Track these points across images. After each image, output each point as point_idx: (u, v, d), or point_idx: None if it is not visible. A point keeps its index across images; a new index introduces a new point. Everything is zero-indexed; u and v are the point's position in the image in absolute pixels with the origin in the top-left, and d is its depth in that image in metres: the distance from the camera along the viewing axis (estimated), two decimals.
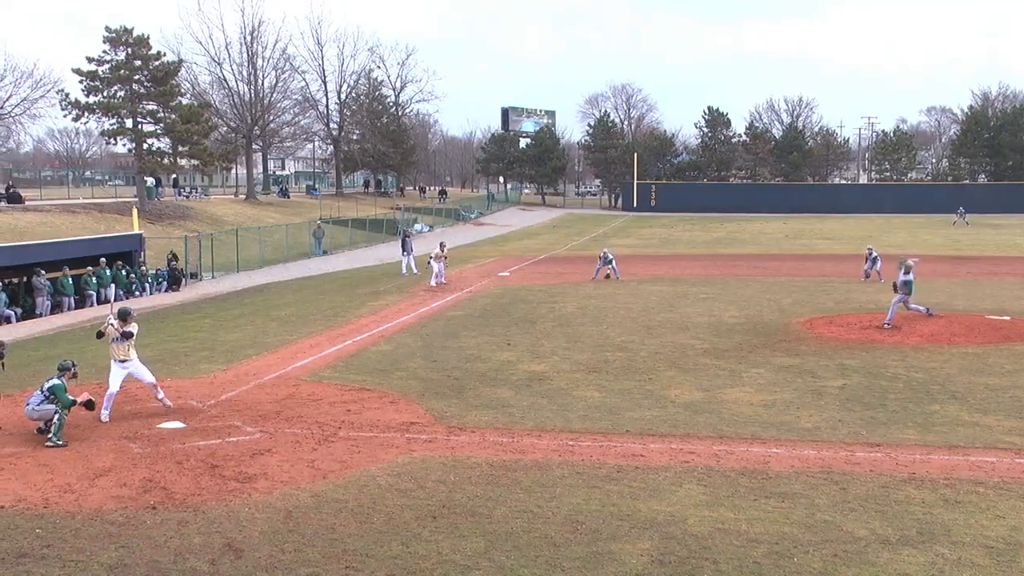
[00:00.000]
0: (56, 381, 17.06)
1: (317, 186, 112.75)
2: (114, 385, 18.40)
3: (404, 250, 47.72)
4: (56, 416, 16.84)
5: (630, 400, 19.47)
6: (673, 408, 18.81)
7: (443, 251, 42.79)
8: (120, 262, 40.71)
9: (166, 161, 67.91)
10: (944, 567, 11.03)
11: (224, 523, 12.66)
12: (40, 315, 35.17)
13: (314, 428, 17.45)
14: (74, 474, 14.83)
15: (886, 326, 27.58)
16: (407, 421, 17.97)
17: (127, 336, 18.45)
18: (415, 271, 46.51)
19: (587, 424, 17.60)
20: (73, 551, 11.73)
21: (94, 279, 38.36)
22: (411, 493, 13.81)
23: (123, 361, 18.45)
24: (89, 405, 17.50)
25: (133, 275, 41.43)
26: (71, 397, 17.05)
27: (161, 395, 18.74)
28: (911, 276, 28.39)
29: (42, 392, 17.05)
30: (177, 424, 17.80)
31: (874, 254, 42.00)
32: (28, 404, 17.14)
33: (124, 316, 18.67)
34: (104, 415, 18.02)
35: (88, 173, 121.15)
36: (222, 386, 21.25)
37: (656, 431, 17.13)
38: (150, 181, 71.62)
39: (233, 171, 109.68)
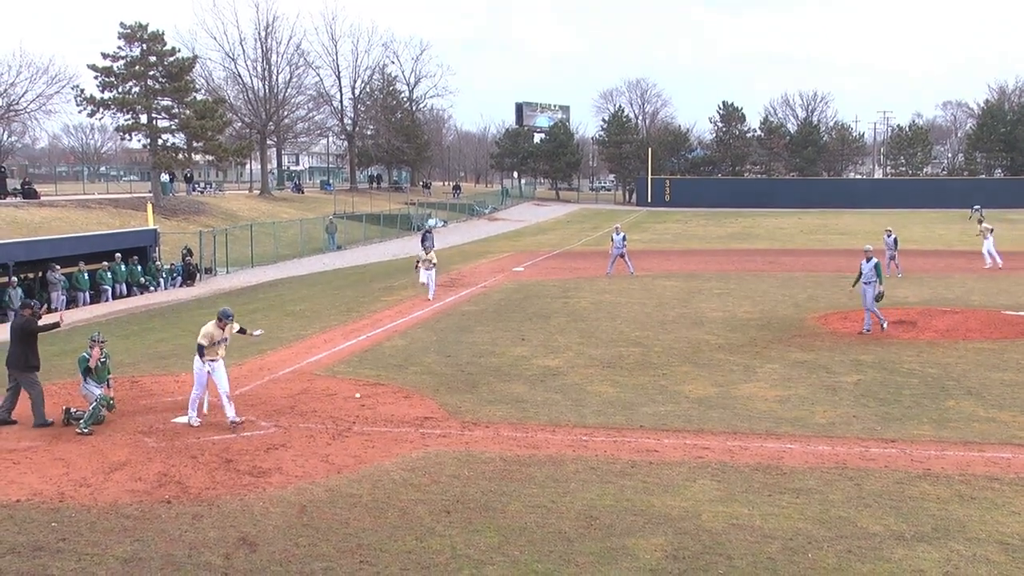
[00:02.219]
0: (82, 354, 17.89)
1: (331, 181, 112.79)
2: (199, 387, 17.69)
3: (424, 246, 47.67)
4: (92, 404, 17.14)
5: (644, 395, 19.46)
6: (687, 403, 18.80)
7: (429, 252, 36.84)
8: (135, 256, 40.80)
9: (181, 157, 68.02)
10: (959, 563, 10.99)
11: (239, 517, 12.70)
12: (55, 310, 35.24)
13: (328, 423, 17.49)
14: (89, 468, 14.90)
15: (882, 327, 26.78)
16: (421, 416, 17.99)
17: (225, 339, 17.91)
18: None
19: (601, 419, 17.60)
20: (88, 544, 11.79)
21: (109, 274, 38.46)
22: (425, 488, 13.84)
23: (212, 361, 17.57)
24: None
25: (143, 270, 41.43)
26: (84, 367, 17.84)
27: (231, 412, 17.41)
28: (875, 261, 27.04)
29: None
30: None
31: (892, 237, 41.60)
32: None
33: (228, 317, 17.86)
34: (192, 417, 17.55)
35: (103, 169, 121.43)
36: (236, 381, 21.23)
37: (670, 426, 17.12)
38: (165, 177, 71.78)
39: (247, 166, 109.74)
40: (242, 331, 18.82)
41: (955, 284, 37.72)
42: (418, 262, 35.79)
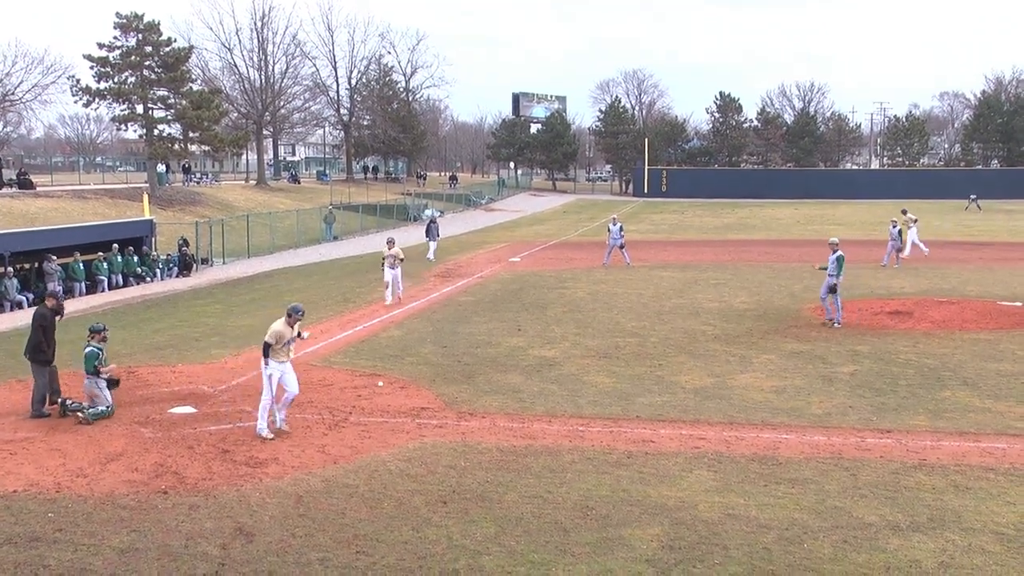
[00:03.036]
0: (91, 348, 17.63)
1: (327, 172, 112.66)
2: (269, 393, 16.35)
3: (429, 236, 47.69)
4: (103, 408, 17.18)
5: (640, 386, 19.47)
6: (683, 394, 18.82)
7: (393, 247, 32.27)
8: (131, 247, 40.74)
9: (177, 147, 67.87)
10: (954, 553, 11.02)
11: (235, 508, 12.71)
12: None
13: (324, 413, 17.50)
14: (86, 459, 14.90)
15: (836, 322, 26.35)
16: (417, 406, 18.00)
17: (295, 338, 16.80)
18: (431, 259, 46.44)
19: (597, 410, 17.61)
20: (85, 535, 11.79)
21: (105, 265, 38.42)
22: (421, 478, 13.85)
23: (282, 363, 16.40)
24: (112, 383, 17.78)
25: (140, 261, 41.36)
26: (98, 369, 17.54)
27: (283, 415, 16.61)
28: (839, 254, 26.69)
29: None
30: (188, 409, 17.85)
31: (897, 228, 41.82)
32: (87, 379, 17.59)
33: (298, 313, 16.66)
34: (263, 428, 16.16)
35: (99, 159, 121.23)
36: (233, 371, 21.31)
37: (666, 417, 17.14)
38: (161, 167, 71.66)
39: (244, 157, 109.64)
40: (300, 335, 17.32)
41: (951, 275, 37.76)
42: (383, 259, 32.15)
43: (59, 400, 17.70)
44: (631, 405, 17.97)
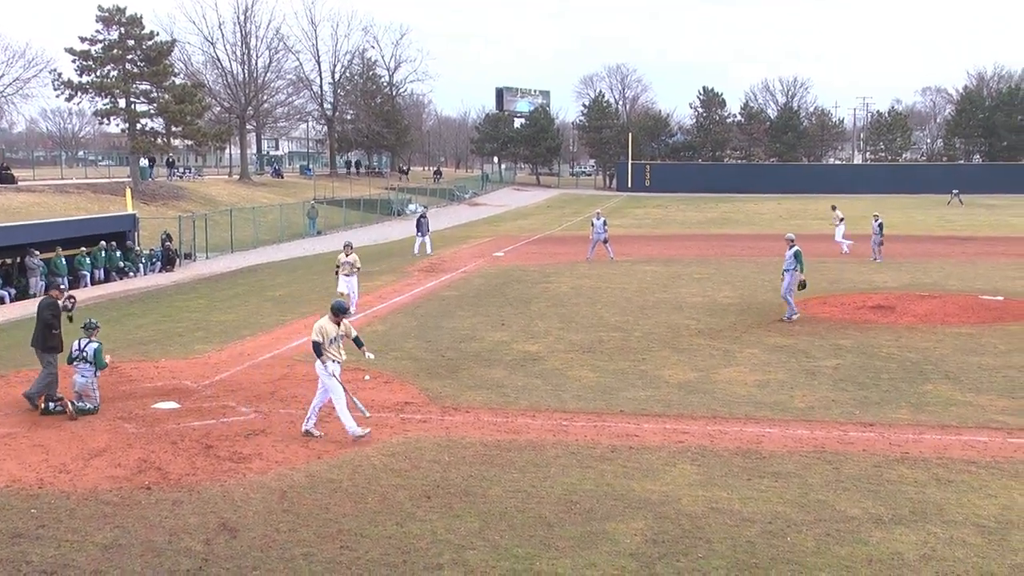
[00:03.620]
0: (96, 343, 17.52)
1: (311, 166, 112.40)
2: (341, 392, 15.84)
3: (419, 231, 47.52)
4: (90, 406, 17.11)
5: (624, 380, 19.50)
6: (667, 388, 18.86)
7: (350, 253, 29.00)
8: (114, 242, 40.55)
9: (159, 141, 67.66)
10: (936, 546, 11.08)
11: (219, 503, 12.69)
12: (34, 295, 34.99)
13: (308, 408, 17.44)
14: (69, 454, 14.85)
15: (788, 318, 26.14)
16: (401, 401, 18.00)
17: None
18: (429, 252, 46.35)
19: (581, 404, 17.64)
20: (68, 531, 11.75)
21: (88, 260, 38.25)
22: (405, 473, 13.85)
23: (335, 362, 15.88)
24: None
25: (122, 256, 41.18)
26: (106, 360, 17.57)
27: (315, 420, 16.03)
28: (796, 248, 26.29)
29: (86, 359, 17.30)
30: (172, 405, 17.81)
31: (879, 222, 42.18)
32: (83, 376, 17.30)
33: (343, 311, 16.31)
34: (354, 428, 15.58)
35: (81, 153, 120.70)
36: (216, 366, 21.26)
37: (650, 411, 17.18)
38: (144, 162, 71.35)
39: (227, 151, 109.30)
40: (358, 341, 16.57)
41: (933, 269, 37.94)
42: (337, 266, 28.97)
43: (48, 401, 17.50)
44: (615, 399, 18.00)
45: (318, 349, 15.70)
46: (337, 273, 28.99)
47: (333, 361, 15.78)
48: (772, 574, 10.46)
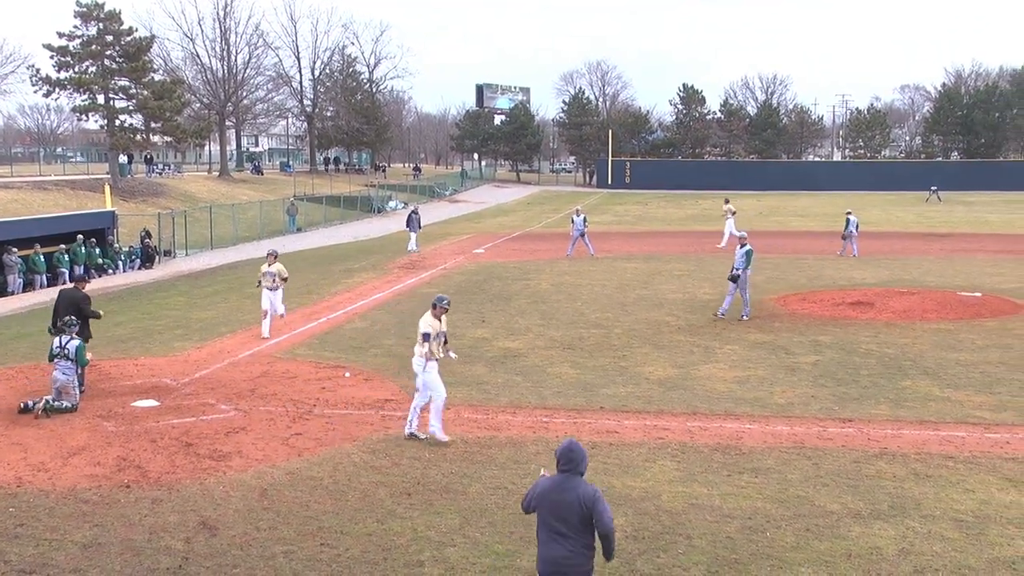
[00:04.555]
0: (78, 341, 17.40)
1: (291, 163, 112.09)
2: (429, 394, 15.42)
3: (410, 226, 47.32)
4: (66, 404, 16.99)
5: (604, 377, 19.54)
6: (647, 385, 18.90)
7: (274, 263, 24.62)
8: (93, 239, 40.34)
9: (139, 138, 67.28)
10: (914, 540, 11.15)
11: (199, 501, 12.66)
12: (12, 293, 34.87)
13: (289, 406, 17.44)
14: (48, 453, 14.78)
15: (720, 315, 26.22)
16: (382, 398, 17.99)
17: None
18: (417, 249, 46.21)
19: (561, 401, 17.66)
20: (47, 530, 11.70)
21: (66, 257, 38.05)
22: (386, 470, 13.85)
23: (435, 360, 15.40)
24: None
25: (101, 253, 40.96)
26: (88, 357, 17.51)
27: (438, 423, 15.38)
28: (748, 248, 26.33)
29: (68, 357, 17.18)
30: (151, 402, 17.74)
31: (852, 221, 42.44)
32: (64, 374, 17.16)
33: (443, 303, 15.64)
34: (438, 431, 15.26)
35: (60, 150, 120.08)
36: (196, 364, 21.20)
37: (630, 408, 17.21)
38: (123, 158, 71.01)
39: (206, 148, 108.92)
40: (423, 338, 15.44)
41: (912, 266, 38.14)
42: (260, 276, 24.69)
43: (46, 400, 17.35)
44: (595, 396, 18.03)
45: (427, 338, 15.19)
46: (260, 285, 24.59)
47: (433, 360, 15.32)
48: (752, 569, 10.50)
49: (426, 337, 15.18)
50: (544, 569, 8.25)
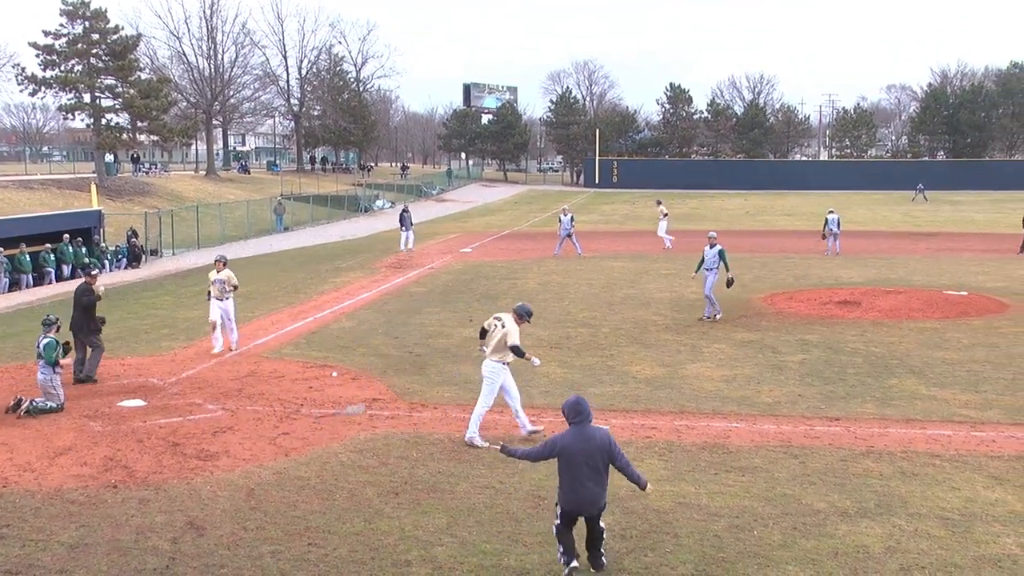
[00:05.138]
0: (49, 339, 17.25)
1: (278, 162, 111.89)
2: (491, 398, 15.37)
3: (403, 225, 47.00)
4: (50, 405, 16.92)
5: (592, 376, 19.55)
6: (634, 384, 18.91)
7: (223, 269, 22.59)
8: (80, 238, 40.20)
9: (125, 137, 67.09)
10: (901, 538, 11.18)
11: (186, 501, 12.63)
12: None
13: (276, 405, 17.41)
14: (34, 453, 14.72)
15: (706, 318, 25.97)
16: (369, 398, 17.97)
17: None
18: (411, 248, 45.99)
19: (549, 400, 17.64)
20: (33, 530, 11.66)
21: (52, 256, 37.92)
22: (373, 470, 13.84)
23: (506, 364, 15.33)
24: (66, 348, 17.79)
25: (88, 252, 40.80)
26: (58, 361, 17.24)
27: (524, 420, 15.55)
28: (719, 247, 26.11)
29: (38, 355, 17.13)
30: (138, 402, 17.69)
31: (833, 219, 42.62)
32: (42, 373, 17.12)
33: (529, 316, 15.61)
34: (477, 439, 15.09)
35: (46, 149, 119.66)
36: (183, 363, 21.15)
37: (618, 407, 17.22)
38: (109, 157, 70.77)
39: (193, 147, 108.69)
40: (518, 351, 15.23)
41: (898, 265, 38.25)
42: (209, 285, 22.62)
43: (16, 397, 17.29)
44: (582, 395, 18.00)
45: (519, 351, 15.08)
46: (208, 296, 22.56)
47: (502, 365, 15.21)
48: (739, 568, 10.52)
49: (516, 349, 15.06)
50: (582, 509, 10.32)
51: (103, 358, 19.79)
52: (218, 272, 22.34)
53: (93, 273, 21.03)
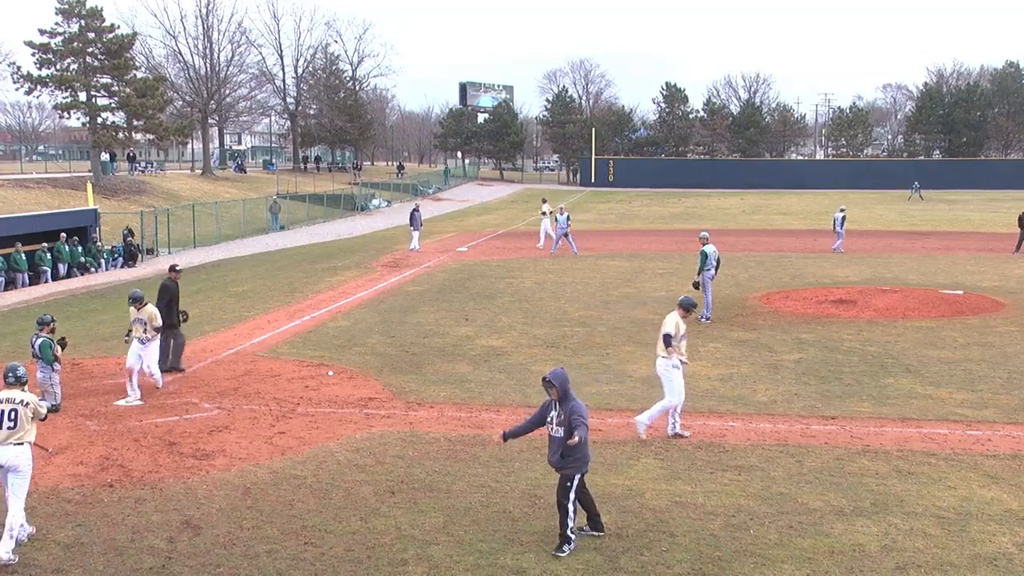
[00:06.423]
0: (44, 338, 17.13)
1: (274, 161, 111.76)
2: (673, 393, 15.39)
3: (412, 224, 46.71)
4: (48, 405, 16.83)
5: (588, 375, 19.55)
6: (631, 382, 18.93)
7: (142, 307, 18.57)
8: (76, 237, 40.16)
9: (121, 135, 66.98)
10: (897, 537, 11.20)
11: (182, 500, 12.62)
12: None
13: (272, 404, 17.41)
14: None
15: (704, 319, 25.69)
16: (365, 397, 17.97)
17: None
18: (417, 246, 45.73)
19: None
20: None
21: (48, 255, 37.88)
22: (370, 469, 13.84)
23: (681, 359, 15.44)
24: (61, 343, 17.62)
25: (84, 251, 40.77)
26: (53, 354, 17.11)
27: (679, 422, 15.51)
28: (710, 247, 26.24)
29: (35, 355, 17.06)
30: (134, 402, 17.67)
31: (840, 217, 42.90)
32: (41, 372, 17.05)
33: (694, 307, 15.91)
34: (677, 423, 15.40)
35: (42, 148, 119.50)
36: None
37: (614, 406, 17.24)
38: (105, 156, 70.68)
39: (189, 146, 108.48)
40: (667, 340, 15.42)
41: (894, 264, 38.27)
42: (130, 325, 18.68)
43: None
44: (579, 394, 17.95)
45: (668, 341, 15.22)
46: (127, 338, 18.78)
47: (669, 360, 15.26)
48: (735, 566, 10.54)
49: (667, 338, 15.19)
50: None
51: (105, 354, 19.74)
52: (137, 311, 18.51)
53: (178, 269, 21.90)
